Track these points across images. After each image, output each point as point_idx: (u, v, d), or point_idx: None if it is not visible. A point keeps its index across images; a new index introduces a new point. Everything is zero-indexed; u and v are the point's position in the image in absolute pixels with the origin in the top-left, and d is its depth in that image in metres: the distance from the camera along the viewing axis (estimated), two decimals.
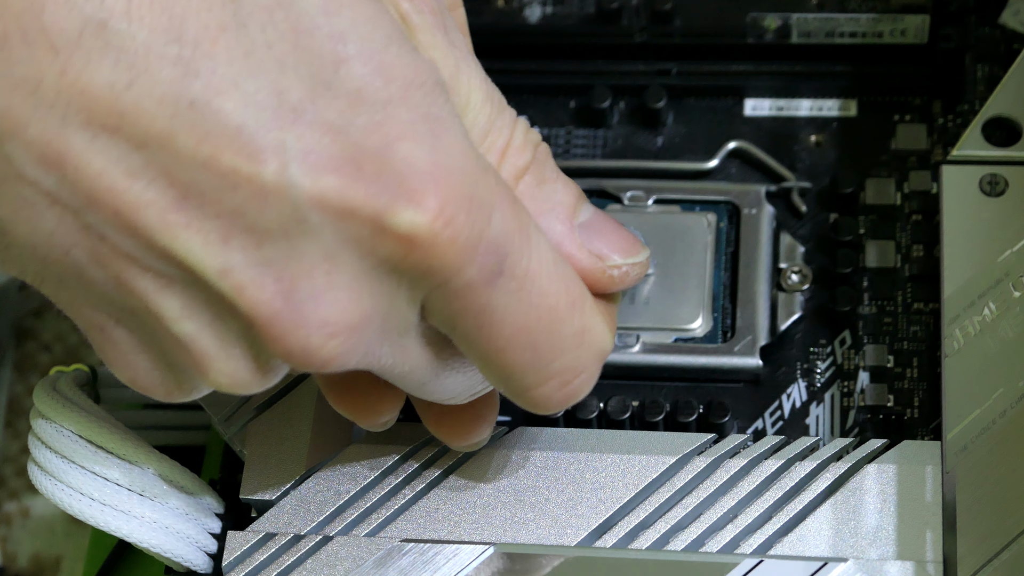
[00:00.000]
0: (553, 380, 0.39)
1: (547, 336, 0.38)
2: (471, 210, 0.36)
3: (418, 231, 0.35)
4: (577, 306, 0.39)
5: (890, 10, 0.53)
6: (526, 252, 0.37)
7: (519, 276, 0.37)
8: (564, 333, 0.39)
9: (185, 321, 0.36)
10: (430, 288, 0.36)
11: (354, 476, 0.45)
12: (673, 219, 0.51)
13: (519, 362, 0.38)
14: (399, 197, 0.35)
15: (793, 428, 0.48)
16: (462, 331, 0.38)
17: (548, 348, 0.38)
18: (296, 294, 0.35)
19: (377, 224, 0.35)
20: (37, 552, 0.58)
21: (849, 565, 0.42)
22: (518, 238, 0.37)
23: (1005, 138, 0.48)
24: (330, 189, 0.34)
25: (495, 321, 0.37)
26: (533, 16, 0.55)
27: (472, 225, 0.36)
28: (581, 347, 0.39)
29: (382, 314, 0.36)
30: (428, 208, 0.35)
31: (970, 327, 0.45)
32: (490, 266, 0.36)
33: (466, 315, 0.37)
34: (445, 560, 0.43)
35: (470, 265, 0.36)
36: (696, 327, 0.49)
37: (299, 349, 0.36)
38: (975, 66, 0.52)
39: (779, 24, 0.53)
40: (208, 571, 0.45)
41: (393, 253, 0.35)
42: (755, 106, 0.54)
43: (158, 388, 0.38)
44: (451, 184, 0.35)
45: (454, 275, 0.36)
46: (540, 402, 0.40)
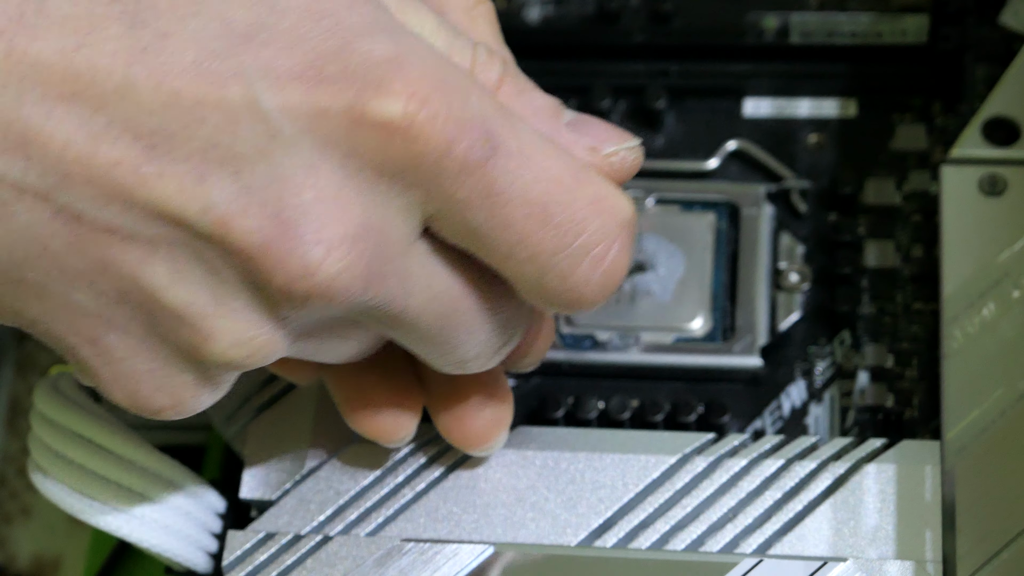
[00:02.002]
0: (586, 258, 0.37)
1: (563, 208, 0.37)
2: (444, 91, 0.35)
3: (393, 116, 0.34)
4: (583, 177, 0.38)
5: (890, 10, 0.53)
6: (514, 131, 0.36)
7: (515, 153, 0.36)
8: (579, 203, 0.37)
9: (176, 286, 0.35)
10: (425, 185, 0.35)
11: (354, 476, 0.45)
12: (673, 219, 0.51)
13: (544, 245, 0.37)
14: (367, 88, 0.34)
15: (793, 428, 0.48)
16: (474, 228, 0.36)
17: (569, 222, 0.37)
18: (285, 214, 0.34)
19: (351, 119, 0.34)
20: (37, 552, 0.58)
21: (849, 565, 0.42)
22: (502, 118, 0.36)
23: (1005, 138, 0.48)
24: (297, 96, 0.34)
25: (505, 203, 0.36)
26: (533, 16, 0.55)
27: (449, 104, 0.35)
28: (602, 215, 0.37)
29: (378, 225, 0.35)
30: (398, 93, 0.34)
31: (970, 327, 0.45)
32: (480, 144, 0.35)
33: (472, 206, 0.36)
34: (445, 560, 0.43)
35: (457, 144, 0.35)
36: (696, 327, 0.49)
37: (300, 271, 0.35)
38: (974, 66, 0.52)
39: (779, 24, 0.53)
40: (208, 571, 0.45)
41: (374, 147, 0.35)
42: (755, 106, 0.54)
43: (163, 396, 0.37)
44: (417, 68, 0.35)
45: (444, 158, 0.35)
46: (581, 289, 0.38)
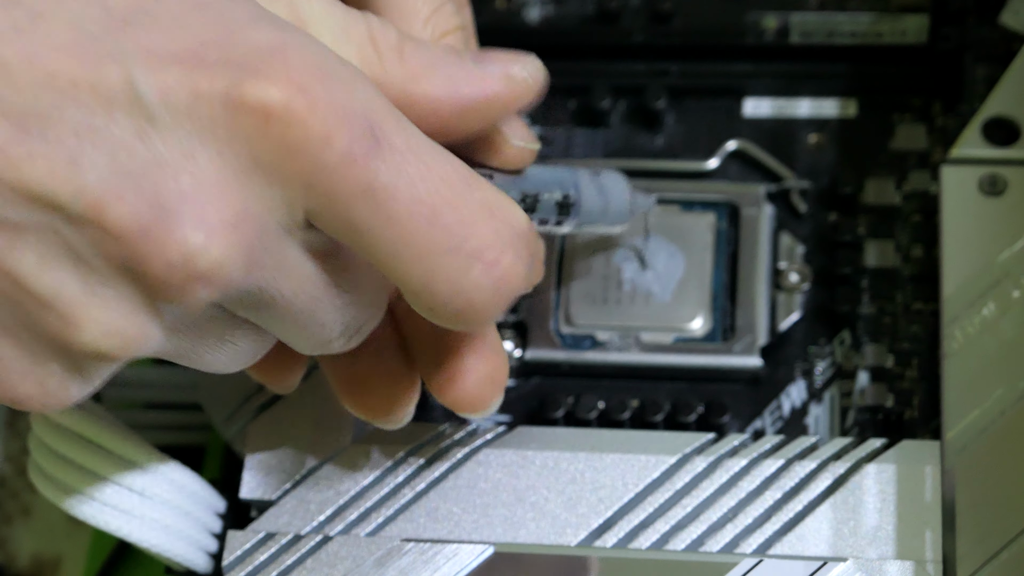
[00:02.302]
0: (477, 263, 0.36)
1: (452, 210, 0.36)
2: (327, 81, 0.34)
3: (271, 102, 0.34)
4: (473, 182, 0.37)
5: (890, 10, 0.53)
6: (402, 127, 0.36)
7: (400, 149, 0.35)
8: (470, 206, 0.36)
9: (44, 273, 0.34)
10: (305, 176, 0.35)
11: (354, 476, 0.45)
12: (673, 219, 0.51)
13: (432, 246, 0.36)
14: (246, 74, 0.34)
15: (793, 428, 0.48)
16: (357, 224, 0.35)
17: (458, 224, 0.36)
18: (163, 198, 0.33)
19: (228, 103, 0.34)
20: (37, 552, 0.58)
21: (848, 565, 0.42)
22: (390, 113, 0.36)
23: (1005, 138, 0.48)
24: (175, 79, 0.33)
25: (388, 199, 0.35)
26: (533, 16, 0.55)
27: (331, 94, 0.34)
28: (495, 220, 0.37)
29: (258, 213, 0.34)
30: (278, 79, 0.34)
31: (970, 327, 0.45)
32: (362, 137, 0.35)
33: (354, 202, 0.35)
34: (445, 560, 0.43)
35: (338, 135, 0.34)
36: (696, 327, 0.49)
37: (179, 257, 0.33)
38: (975, 66, 0.52)
39: (779, 24, 0.53)
40: (208, 571, 0.45)
41: (252, 134, 0.34)
42: (755, 106, 0.54)
43: (29, 385, 0.35)
44: (300, 57, 0.34)
45: (323, 149, 0.34)
46: (472, 295, 0.37)
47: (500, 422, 0.49)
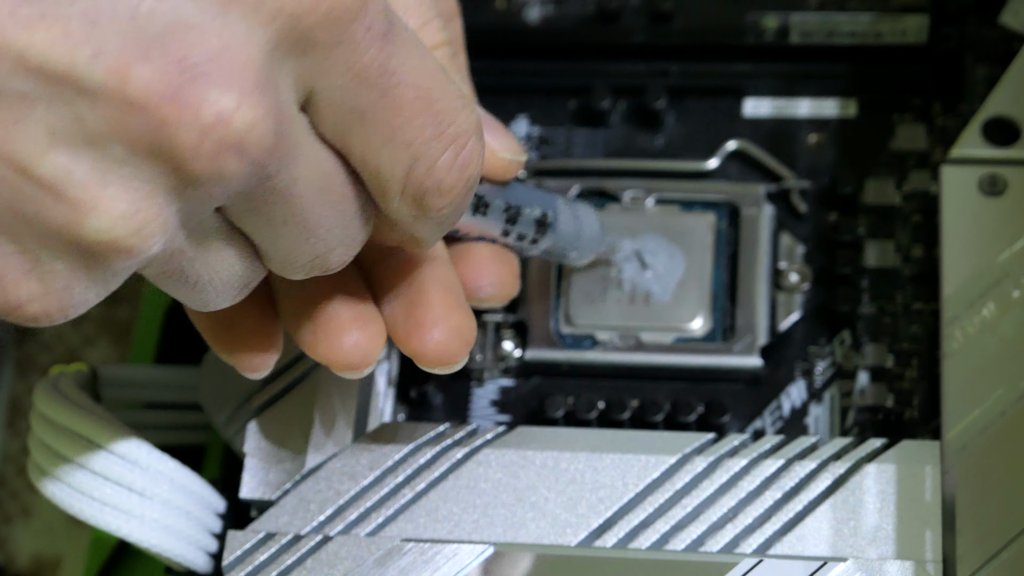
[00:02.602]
0: (451, 145, 0.37)
1: (442, 96, 0.37)
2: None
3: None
4: (449, 75, 0.37)
5: (890, 10, 0.53)
6: (401, 19, 0.36)
7: (407, 36, 0.36)
8: (451, 95, 0.37)
9: (52, 154, 0.31)
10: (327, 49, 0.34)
11: (354, 476, 0.45)
12: (673, 219, 0.51)
13: (423, 131, 0.36)
14: None
15: (793, 428, 0.48)
16: (363, 107, 0.35)
17: (446, 110, 0.37)
18: (191, 59, 0.31)
19: None
20: (37, 552, 0.58)
21: (849, 565, 0.42)
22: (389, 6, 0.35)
23: (1005, 138, 0.48)
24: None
25: (397, 83, 0.35)
26: (533, 16, 0.55)
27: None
28: (467, 107, 0.37)
29: (276, 82, 0.33)
30: None
31: (970, 327, 0.45)
32: (382, 17, 0.35)
33: (368, 82, 0.35)
34: (445, 560, 0.43)
35: (365, 11, 0.34)
36: (696, 327, 0.49)
37: (213, 119, 0.32)
38: (975, 66, 0.52)
39: (779, 24, 0.53)
40: (208, 571, 0.45)
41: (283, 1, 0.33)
42: (755, 106, 0.54)
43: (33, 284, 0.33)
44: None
45: (352, 21, 0.34)
46: (442, 176, 0.37)
47: (500, 422, 0.49)
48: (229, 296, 0.38)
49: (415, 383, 0.49)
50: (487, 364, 0.49)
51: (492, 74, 0.54)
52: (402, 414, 0.49)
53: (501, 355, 0.49)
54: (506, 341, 0.50)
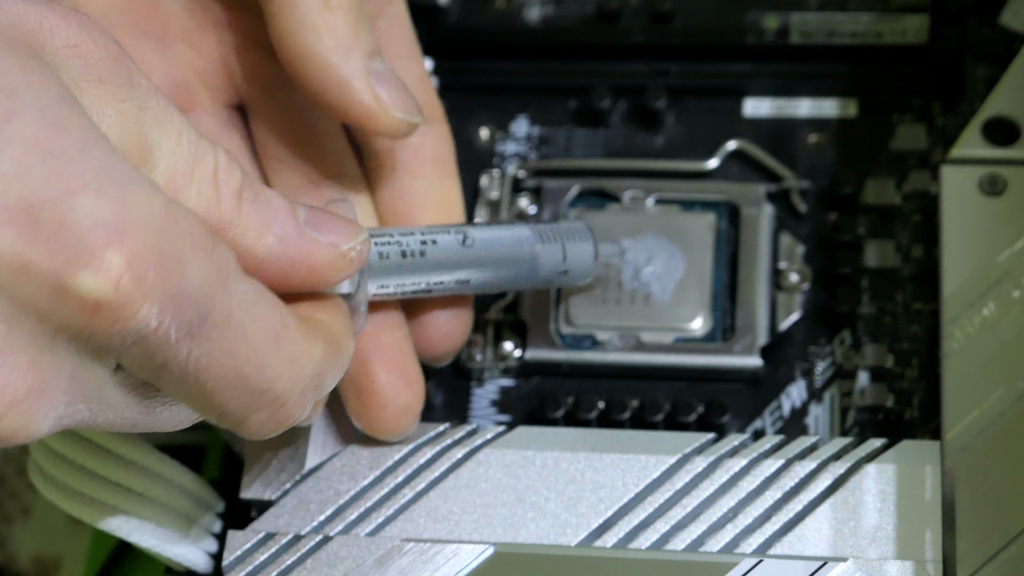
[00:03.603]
0: (263, 410, 0.38)
1: (257, 372, 0.37)
2: (161, 265, 0.34)
3: (101, 295, 0.33)
4: (282, 336, 0.38)
5: (890, 10, 0.53)
6: (224, 298, 0.36)
7: (220, 324, 0.36)
8: (274, 366, 0.38)
9: None
10: (123, 348, 0.35)
11: (354, 476, 0.45)
12: (673, 219, 0.51)
13: (231, 405, 0.37)
14: (79, 256, 0.33)
15: (793, 428, 0.48)
16: (167, 383, 0.36)
17: (261, 382, 0.37)
18: None
19: (56, 288, 0.33)
20: (37, 552, 0.58)
21: (849, 565, 0.42)
22: (216, 285, 0.35)
23: (1005, 138, 0.48)
24: (4, 244, 0.32)
25: (200, 369, 0.36)
26: (533, 16, 0.55)
27: (164, 281, 0.34)
28: (293, 373, 0.38)
29: (68, 375, 0.34)
30: (112, 268, 0.33)
31: (970, 327, 0.45)
32: (187, 319, 0.35)
33: (168, 369, 0.35)
34: (445, 560, 0.43)
35: (163, 322, 0.34)
36: (696, 327, 0.49)
37: None
38: (975, 66, 0.52)
39: (779, 24, 0.53)
40: (208, 571, 0.45)
41: (76, 318, 0.33)
42: (755, 106, 0.54)
43: None
44: (138, 238, 0.33)
45: (147, 334, 0.34)
46: (253, 429, 0.39)
47: (500, 422, 0.49)
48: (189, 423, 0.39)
49: None
50: (487, 364, 0.49)
51: (492, 74, 0.55)
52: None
53: (501, 355, 0.49)
54: (506, 341, 0.50)
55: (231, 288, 0.36)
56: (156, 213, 0.34)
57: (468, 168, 0.52)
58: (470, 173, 0.53)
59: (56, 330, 0.34)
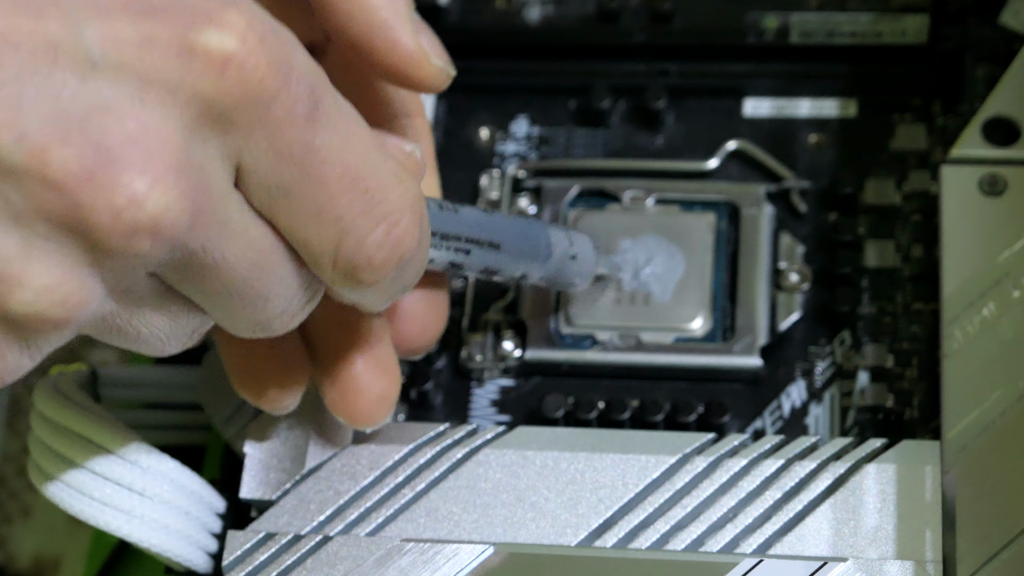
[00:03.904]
0: (383, 223, 0.37)
1: (372, 174, 0.37)
2: (277, 34, 0.35)
3: (228, 50, 0.34)
4: (384, 150, 0.38)
5: (890, 10, 0.53)
6: (332, 91, 0.36)
7: (333, 113, 0.36)
8: (384, 172, 0.37)
9: None
10: (250, 128, 0.35)
11: (354, 476, 0.45)
12: (673, 219, 0.51)
13: (351, 208, 0.37)
14: (199, 19, 0.34)
15: (793, 428, 0.48)
16: (288, 184, 0.36)
17: (376, 188, 0.37)
18: (107, 143, 0.33)
19: (183, 46, 0.33)
20: (37, 552, 0.58)
21: (849, 565, 0.42)
22: (323, 78, 0.36)
23: (1005, 138, 0.48)
24: (122, 26, 0.33)
25: (322, 162, 0.36)
26: (533, 16, 0.55)
27: (281, 48, 0.35)
28: (401, 186, 0.38)
29: (200, 163, 0.34)
30: (235, 26, 0.34)
31: (970, 327, 0.45)
32: (305, 97, 0.35)
33: (291, 159, 0.35)
34: (445, 560, 0.43)
35: (286, 92, 0.35)
36: (696, 327, 0.49)
37: (125, 202, 0.33)
38: (975, 66, 0.52)
39: (779, 24, 0.53)
40: (208, 571, 0.45)
41: (204, 81, 0.34)
42: (755, 106, 0.54)
43: None
44: (252, 10, 0.34)
45: (273, 102, 0.34)
46: (372, 253, 0.38)
47: (500, 422, 0.49)
48: (178, 345, 0.39)
49: (415, 383, 0.49)
50: (487, 364, 0.49)
51: (492, 74, 0.55)
52: (402, 414, 0.49)
53: (501, 355, 0.49)
54: (506, 341, 0.50)
55: (333, 88, 0.36)
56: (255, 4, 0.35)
57: (468, 168, 0.52)
58: (470, 173, 0.53)
59: (187, 104, 0.34)
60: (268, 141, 0.35)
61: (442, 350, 0.50)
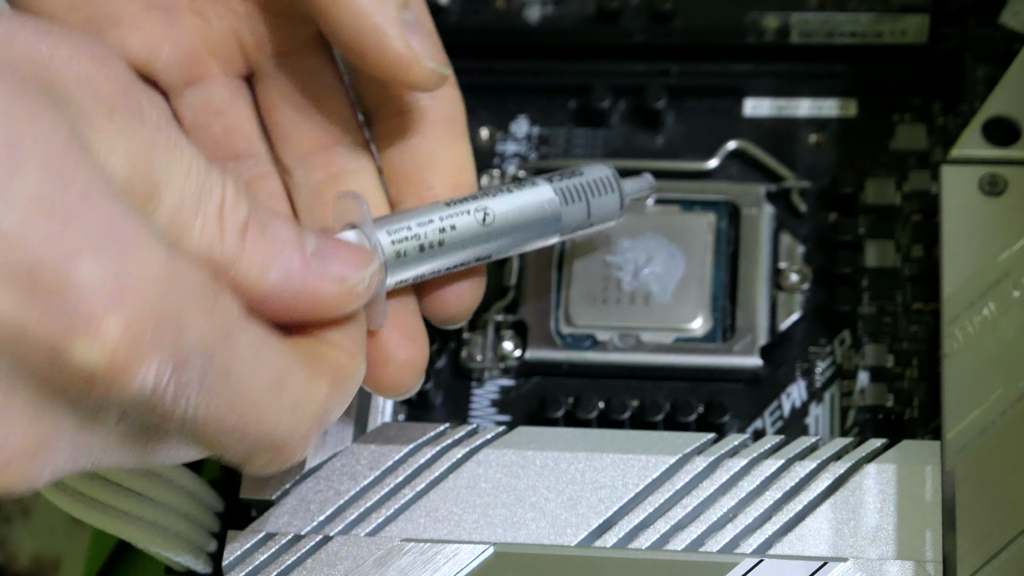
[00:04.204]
0: (263, 454, 0.38)
1: (256, 422, 0.37)
2: (161, 326, 0.34)
3: (97, 365, 0.33)
4: (284, 383, 0.37)
5: (890, 10, 0.53)
6: (225, 350, 0.36)
7: (220, 377, 0.35)
8: (274, 414, 0.37)
9: None
10: (122, 408, 0.35)
11: (354, 476, 0.45)
12: (673, 219, 0.51)
13: (232, 449, 0.37)
14: (76, 323, 0.33)
15: (793, 428, 0.48)
16: (168, 433, 0.36)
17: (258, 431, 0.37)
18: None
19: (53, 355, 0.33)
20: (37, 552, 0.58)
21: (849, 565, 0.42)
22: (217, 339, 0.35)
23: (1005, 138, 0.48)
24: (4, 307, 0.32)
25: (199, 421, 0.36)
26: (533, 16, 0.55)
27: (163, 342, 0.34)
28: (294, 418, 0.38)
29: (69, 432, 0.34)
30: (109, 335, 0.33)
31: (970, 327, 0.45)
32: (187, 376, 0.35)
33: (168, 422, 0.35)
34: (445, 560, 0.43)
35: (162, 381, 0.34)
36: (696, 327, 0.49)
37: None
38: (975, 66, 0.52)
39: (779, 24, 0.53)
40: (208, 571, 0.45)
41: (73, 385, 0.33)
42: (755, 106, 0.54)
43: None
44: (137, 302, 0.33)
45: (145, 395, 0.34)
46: (259, 471, 0.39)
47: (500, 422, 0.49)
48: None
49: None
50: (487, 364, 0.49)
51: (492, 74, 0.55)
52: (402, 414, 0.49)
53: (501, 355, 0.49)
54: (506, 341, 0.50)
55: (233, 339, 0.36)
56: (157, 273, 0.34)
57: None
58: None
59: (56, 392, 0.33)
60: (142, 415, 0.35)
61: (442, 350, 0.50)
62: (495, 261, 0.44)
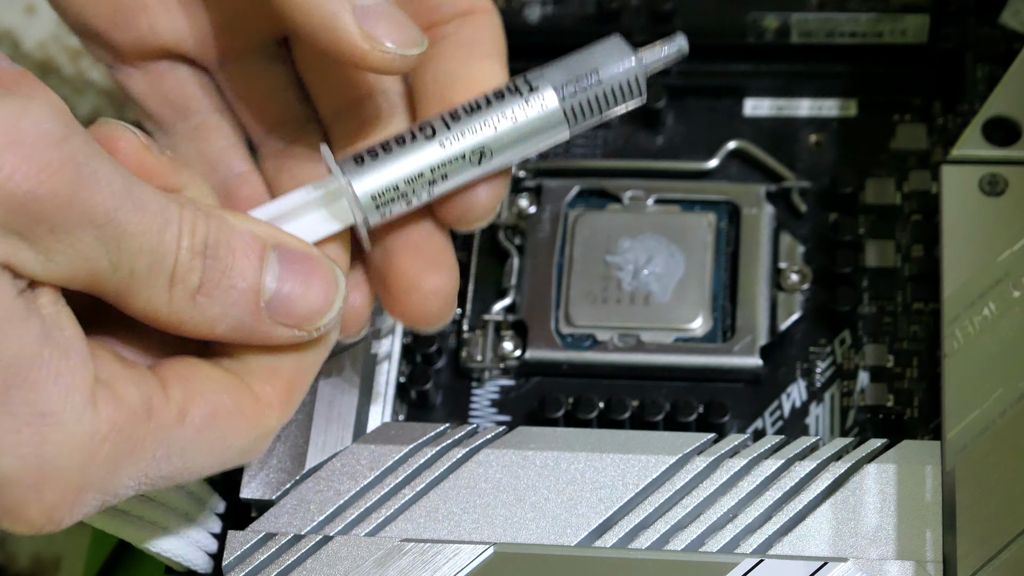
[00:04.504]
0: None
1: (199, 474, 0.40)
2: (82, 495, 0.37)
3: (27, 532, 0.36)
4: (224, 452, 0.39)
5: (890, 10, 0.53)
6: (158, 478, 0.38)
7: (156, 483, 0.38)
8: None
9: None
10: None
11: (354, 476, 0.45)
12: (673, 219, 0.51)
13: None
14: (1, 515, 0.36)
15: (793, 428, 0.48)
16: None
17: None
18: None
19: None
20: (37, 552, 0.58)
21: (849, 565, 0.42)
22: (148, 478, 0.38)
23: (1005, 138, 0.48)
24: None
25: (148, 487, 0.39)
26: (533, 16, 0.55)
27: (85, 504, 0.37)
28: (259, 427, 0.40)
29: None
30: (33, 520, 0.36)
31: (970, 327, 0.45)
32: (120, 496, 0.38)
33: None
34: (445, 560, 0.43)
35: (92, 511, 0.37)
36: (696, 327, 0.49)
37: None
38: (975, 66, 0.52)
39: (779, 24, 0.53)
40: (208, 571, 0.45)
41: None
42: (755, 106, 0.54)
43: None
44: (59, 486, 0.36)
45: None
46: None
47: (500, 422, 0.49)
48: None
49: (415, 383, 0.49)
50: (487, 364, 0.49)
51: None
52: (402, 414, 0.49)
53: (501, 355, 0.49)
54: (506, 341, 0.50)
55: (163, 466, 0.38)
56: (77, 446, 0.36)
57: None
58: None
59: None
60: None
61: (442, 350, 0.50)
62: (495, 261, 0.44)
